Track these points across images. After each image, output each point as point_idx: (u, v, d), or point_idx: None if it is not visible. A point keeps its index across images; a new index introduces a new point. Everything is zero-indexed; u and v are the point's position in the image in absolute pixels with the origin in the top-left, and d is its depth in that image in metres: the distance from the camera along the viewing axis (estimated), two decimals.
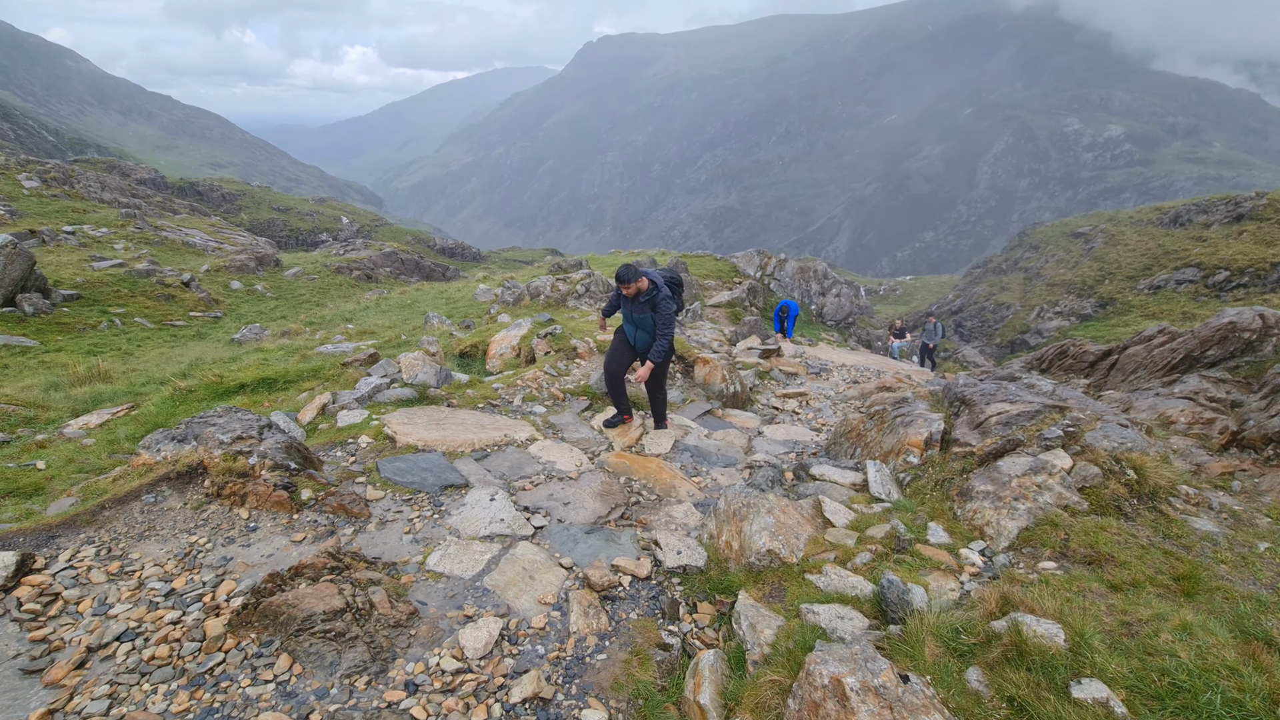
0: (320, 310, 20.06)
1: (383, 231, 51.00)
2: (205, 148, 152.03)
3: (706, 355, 8.76)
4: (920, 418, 5.05)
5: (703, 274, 21.20)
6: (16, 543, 3.50)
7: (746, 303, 18.99)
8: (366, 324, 14.72)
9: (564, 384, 7.17)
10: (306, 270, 27.38)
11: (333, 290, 25.75)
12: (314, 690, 2.79)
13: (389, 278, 30.87)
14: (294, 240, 46.46)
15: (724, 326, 15.16)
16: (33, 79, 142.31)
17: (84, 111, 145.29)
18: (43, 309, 15.17)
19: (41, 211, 25.97)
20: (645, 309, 5.64)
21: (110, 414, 7.20)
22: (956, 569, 3.52)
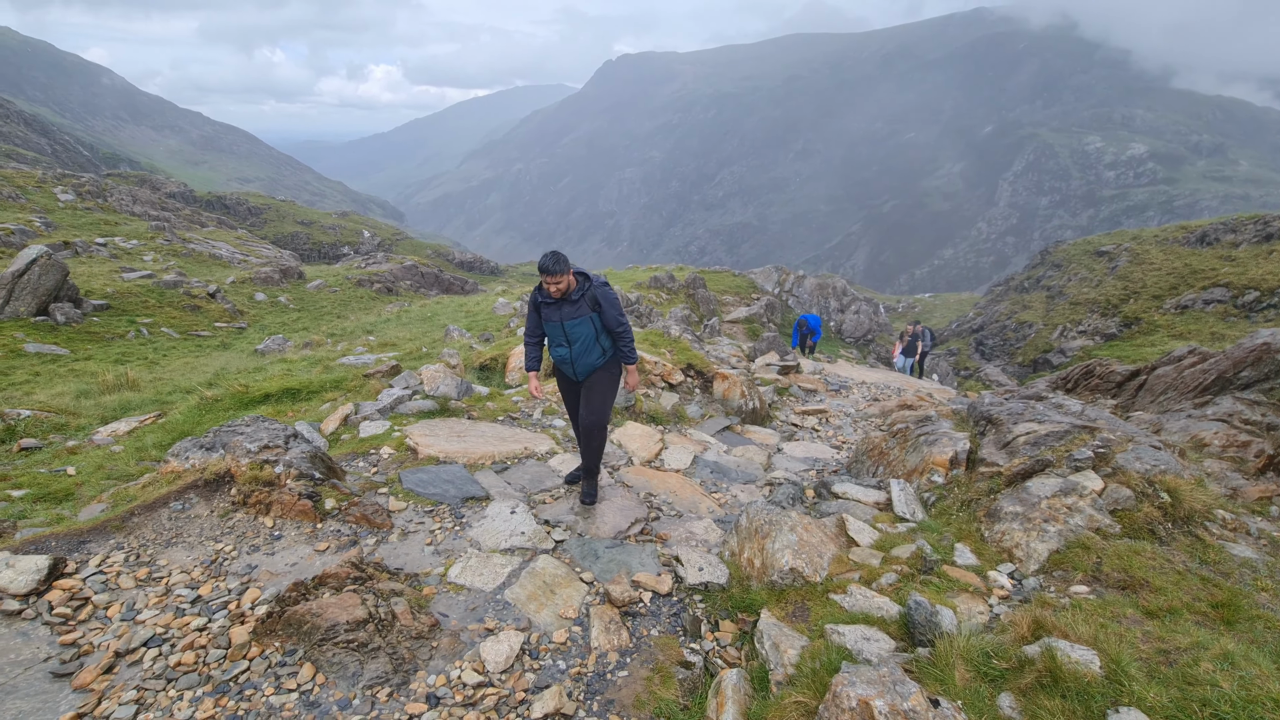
0: (342, 322, 20.34)
1: (403, 245, 51.75)
2: (233, 163, 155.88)
3: (725, 371, 8.73)
4: (945, 436, 4.98)
5: (720, 289, 21.21)
6: (49, 547, 3.57)
7: (764, 318, 18.93)
8: (387, 336, 14.89)
9: None
10: (329, 283, 27.81)
11: (354, 303, 26.11)
12: (336, 701, 2.79)
13: (409, 291, 31.25)
14: (317, 253, 47.27)
15: (742, 342, 15.13)
16: (70, 96, 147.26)
17: (118, 127, 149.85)
18: (74, 318, 15.54)
19: (75, 224, 26.72)
20: (580, 311, 4.31)
21: (138, 422, 7.33)
22: (985, 591, 3.45)
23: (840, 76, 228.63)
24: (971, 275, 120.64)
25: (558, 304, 4.31)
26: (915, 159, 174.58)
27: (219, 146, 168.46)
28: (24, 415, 7.25)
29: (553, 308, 4.34)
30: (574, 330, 4.33)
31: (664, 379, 8.17)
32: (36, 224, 23.59)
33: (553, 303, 4.32)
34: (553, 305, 4.33)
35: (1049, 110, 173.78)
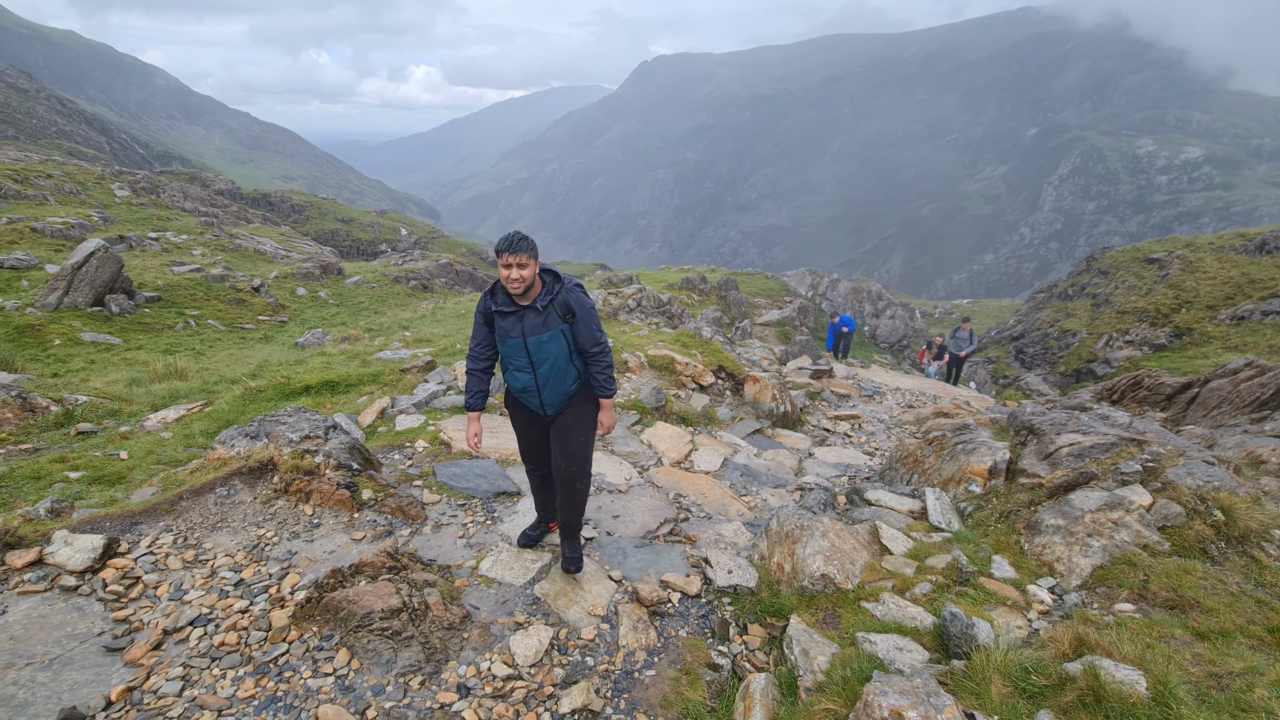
0: (379, 318, 20.78)
1: (439, 243, 52.63)
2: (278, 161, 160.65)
3: (756, 374, 8.67)
4: (983, 445, 4.86)
5: (752, 292, 21.07)
6: (103, 527, 3.73)
7: (797, 322, 18.73)
8: (423, 332, 15.16)
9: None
10: (367, 279, 28.44)
11: (390, 299, 26.65)
12: (371, 687, 2.85)
13: (444, 288, 31.77)
14: (356, 250, 48.39)
15: (773, 345, 14.99)
16: (128, 96, 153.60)
17: (171, 126, 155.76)
18: (127, 309, 16.19)
19: (130, 218, 27.85)
20: (549, 324, 3.27)
21: (186, 410, 7.60)
22: (1024, 605, 3.36)
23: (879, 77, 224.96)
24: (1012, 282, 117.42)
25: (518, 313, 3.25)
26: (955, 162, 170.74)
27: (265, 145, 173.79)
28: (81, 401, 7.58)
29: (511, 318, 3.25)
30: (541, 349, 3.27)
31: (695, 380, 8.15)
32: (95, 218, 24.65)
33: (511, 311, 3.24)
34: (511, 315, 3.25)
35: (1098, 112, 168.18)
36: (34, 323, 13.40)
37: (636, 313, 11.51)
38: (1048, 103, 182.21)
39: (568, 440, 3.53)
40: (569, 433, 3.53)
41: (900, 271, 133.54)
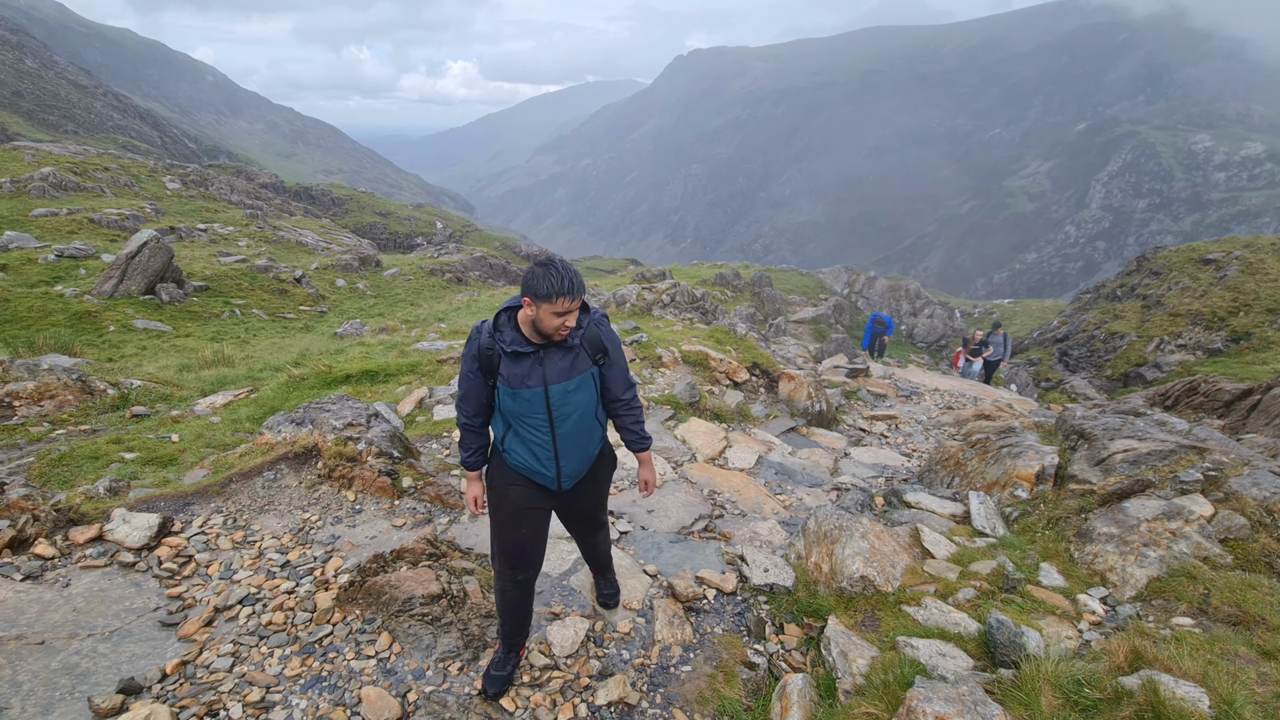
0: (415, 309, 21.13)
1: (473, 237, 53.28)
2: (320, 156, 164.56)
3: (792, 371, 8.57)
4: (1030, 449, 4.71)
5: (786, 289, 20.83)
6: (158, 506, 3.86)
7: (832, 320, 18.46)
8: (458, 324, 15.37)
9: (648, 392, 7.20)
10: (403, 271, 28.96)
11: (426, 291, 27.09)
12: (411, 670, 2.90)
13: (478, 281, 32.16)
14: (393, 243, 49.29)
15: (808, 343, 14.79)
16: (179, 92, 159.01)
17: (219, 121, 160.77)
18: (176, 298, 16.78)
19: (180, 210, 28.84)
20: (579, 365, 2.50)
21: (233, 396, 7.85)
22: (1074, 615, 3.25)
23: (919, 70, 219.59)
24: (1056, 281, 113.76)
25: (536, 354, 2.42)
26: (998, 158, 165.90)
27: (307, 140, 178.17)
28: (135, 385, 7.88)
29: (528, 361, 2.41)
30: (566, 401, 2.47)
31: (729, 377, 8.09)
32: (147, 210, 25.58)
33: (529, 352, 2.40)
34: (528, 357, 2.41)
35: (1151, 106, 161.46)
36: (91, 309, 13.97)
37: (670, 308, 11.47)
38: (1098, 96, 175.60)
39: (592, 528, 2.98)
40: (594, 520, 2.93)
41: (938, 270, 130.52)
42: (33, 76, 66.60)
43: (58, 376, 6.97)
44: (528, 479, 2.63)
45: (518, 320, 2.45)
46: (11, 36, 71.97)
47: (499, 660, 2.87)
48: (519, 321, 2.44)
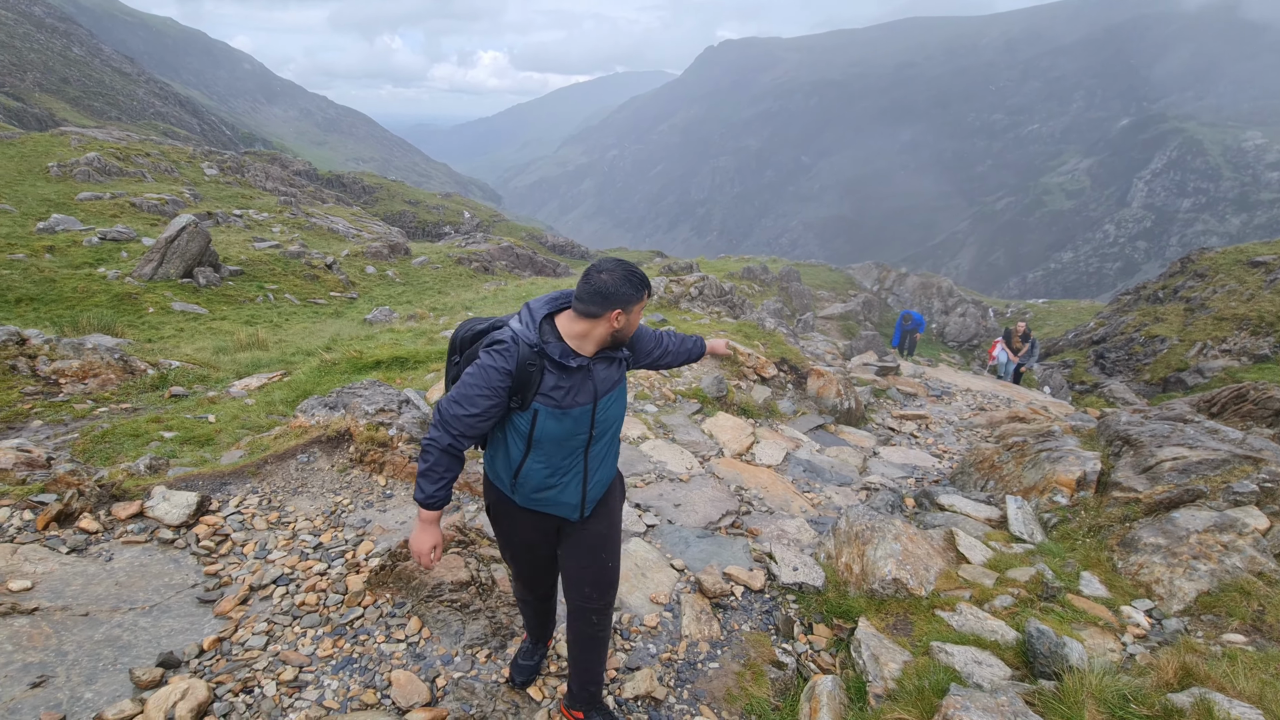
0: (443, 298, 21.32)
1: (500, 227, 53.61)
2: (351, 144, 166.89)
3: (821, 368, 8.45)
4: (1071, 454, 4.57)
5: (815, 284, 20.55)
6: (196, 485, 3.94)
7: (861, 316, 18.17)
8: (485, 313, 15.47)
9: (675, 385, 7.16)
10: (432, 260, 29.25)
11: (453, 280, 27.34)
12: (440, 656, 2.92)
13: (504, 271, 32.36)
14: (421, 231, 49.82)
15: (836, 339, 14.59)
16: (217, 80, 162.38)
17: (255, 109, 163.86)
18: (213, 281, 17.16)
19: (217, 196, 29.47)
20: (619, 372, 2.31)
21: (266, 379, 7.99)
22: (1117, 628, 3.14)
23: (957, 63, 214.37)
24: (1093, 282, 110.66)
25: (586, 366, 2.17)
26: (1037, 153, 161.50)
27: (340, 128, 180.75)
28: (174, 366, 8.08)
29: (578, 375, 2.16)
30: (607, 415, 2.27)
31: (757, 371, 8.01)
32: (186, 195, 26.19)
33: (580, 366, 2.14)
34: (579, 370, 2.15)
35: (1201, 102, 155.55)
36: (131, 291, 14.36)
37: (698, 301, 11.39)
38: (1144, 91, 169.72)
39: (602, 558, 2.42)
40: (605, 547, 2.43)
41: (970, 267, 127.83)
42: (79, 64, 68.52)
43: (101, 356, 7.17)
44: (538, 513, 2.33)
45: (559, 332, 2.17)
46: (60, 25, 74.06)
47: (526, 650, 2.84)
48: (563, 334, 2.16)
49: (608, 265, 2.12)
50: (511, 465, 2.26)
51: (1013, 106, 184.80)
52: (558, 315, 2.21)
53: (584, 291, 2.13)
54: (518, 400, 2.13)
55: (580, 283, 2.16)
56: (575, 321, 2.16)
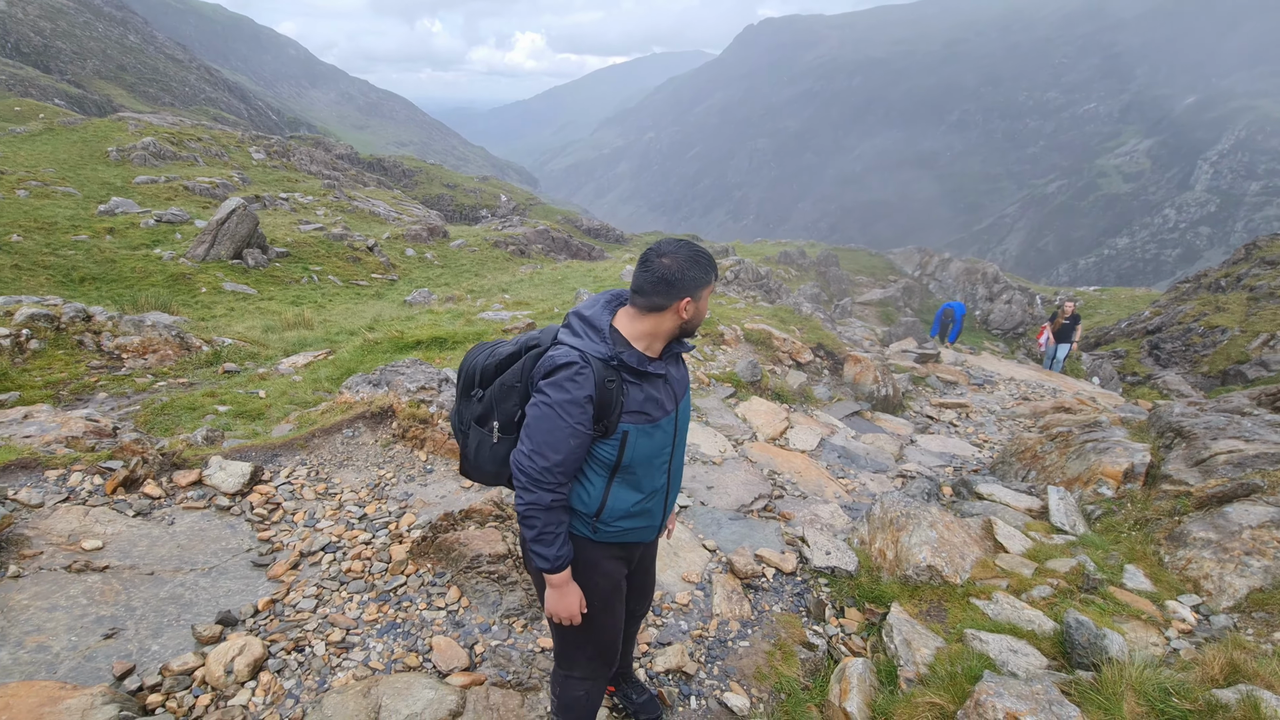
0: (480, 280, 21.62)
1: (536, 210, 53.87)
2: (392, 128, 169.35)
3: (858, 354, 8.33)
4: (1118, 445, 4.43)
5: (854, 269, 20.17)
6: (250, 456, 4.13)
7: (900, 302, 17.78)
8: (521, 296, 15.64)
9: (709, 369, 7.16)
10: (469, 243, 29.63)
11: (490, 263, 27.67)
12: (478, 624, 3.02)
13: (540, 254, 32.58)
14: (459, 214, 50.40)
15: (875, 325, 14.32)
16: (264, 65, 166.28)
17: (300, 93, 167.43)
18: (260, 263, 17.74)
19: (264, 180, 30.33)
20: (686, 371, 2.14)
21: (312, 357, 8.27)
22: (1161, 622, 3.06)
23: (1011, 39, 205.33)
24: (1150, 269, 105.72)
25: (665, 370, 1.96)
26: (1093, 134, 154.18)
27: (381, 112, 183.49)
28: (226, 343, 8.42)
29: (660, 383, 1.95)
30: (686, 414, 2.11)
31: (792, 357, 7.94)
32: (235, 179, 27.03)
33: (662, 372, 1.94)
34: (660, 376, 1.95)
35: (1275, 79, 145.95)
36: (185, 271, 14.95)
37: (734, 285, 11.31)
38: (1211, 67, 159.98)
39: (653, 571, 2.43)
40: (655, 557, 2.43)
41: (1018, 253, 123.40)
42: (135, 51, 70.90)
43: (159, 333, 7.51)
44: (621, 544, 2.07)
45: (624, 336, 1.89)
46: (117, 13, 76.66)
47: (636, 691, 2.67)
48: (630, 338, 1.89)
49: (669, 248, 1.87)
50: (592, 503, 1.95)
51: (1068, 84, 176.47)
52: (614, 318, 1.93)
53: (646, 282, 1.84)
54: (601, 427, 1.86)
55: (639, 272, 1.88)
56: (639, 319, 1.89)
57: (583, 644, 2.10)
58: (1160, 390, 14.73)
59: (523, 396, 1.93)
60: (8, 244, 14.05)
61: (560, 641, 2.15)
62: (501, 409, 1.96)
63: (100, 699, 2.34)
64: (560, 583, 1.93)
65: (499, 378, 1.99)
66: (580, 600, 1.98)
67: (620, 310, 1.94)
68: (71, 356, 6.86)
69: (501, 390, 1.96)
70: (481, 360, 2.05)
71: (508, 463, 1.97)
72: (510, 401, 1.95)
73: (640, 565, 2.30)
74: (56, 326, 6.96)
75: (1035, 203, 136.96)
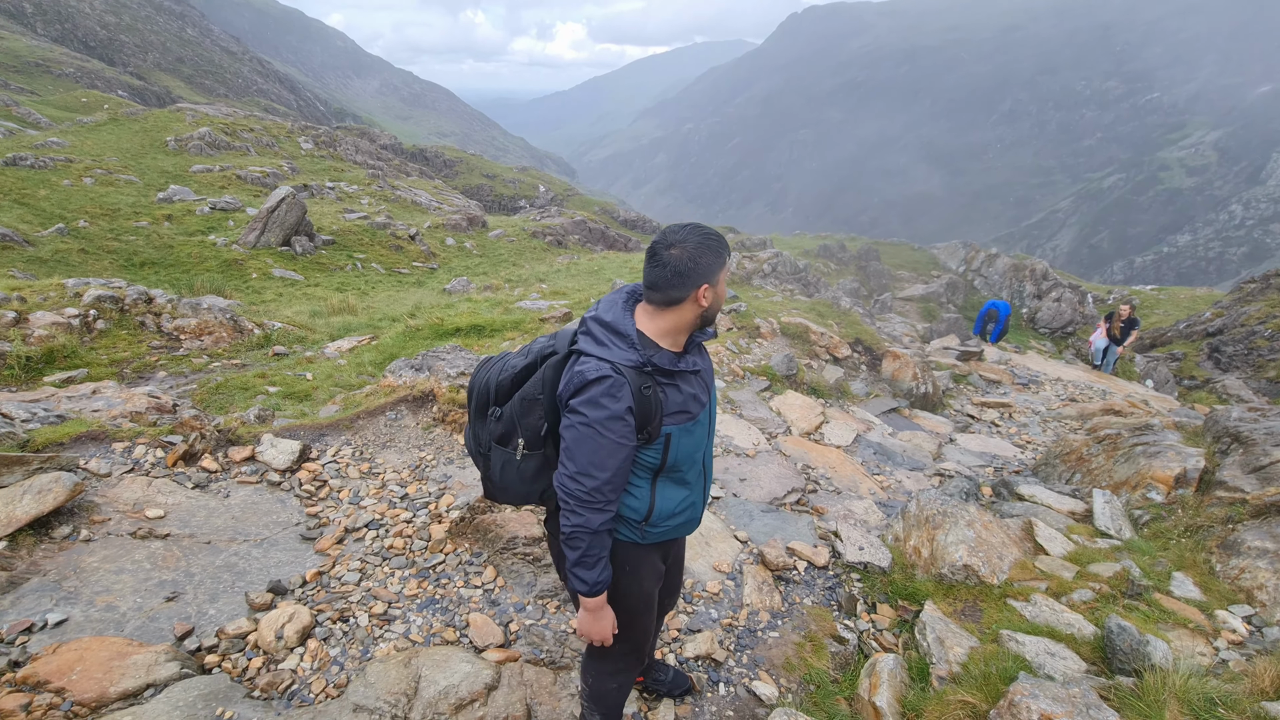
0: (517, 269, 21.87)
1: (573, 201, 54.12)
2: (434, 118, 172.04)
3: (897, 350, 8.19)
4: (1170, 450, 4.28)
5: (895, 264, 19.74)
6: (298, 435, 4.30)
7: (944, 299, 17.34)
8: (558, 285, 15.79)
9: (744, 361, 7.14)
10: (507, 233, 29.99)
11: (527, 253, 27.96)
12: (513, 603, 3.11)
13: (576, 244, 32.76)
14: (498, 205, 50.97)
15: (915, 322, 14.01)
16: (313, 57, 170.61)
17: (346, 84, 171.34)
18: (308, 250, 18.30)
19: (312, 169, 31.19)
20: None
21: (356, 341, 8.53)
22: (1210, 632, 2.96)
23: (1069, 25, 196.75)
24: (1213, 268, 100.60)
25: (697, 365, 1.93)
26: (1155, 125, 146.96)
27: (424, 103, 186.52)
28: (276, 327, 8.74)
29: (694, 378, 1.91)
30: (714, 402, 2.05)
31: (829, 351, 7.85)
32: (284, 168, 27.87)
33: (695, 369, 1.91)
34: (694, 373, 1.91)
35: None
36: (237, 258, 15.52)
37: (771, 278, 11.21)
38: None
39: (683, 566, 2.42)
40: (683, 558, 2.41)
41: (1070, 250, 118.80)
42: (192, 44, 73.52)
43: (214, 316, 7.85)
44: (664, 544, 2.07)
45: (649, 336, 1.81)
46: (176, 7, 79.52)
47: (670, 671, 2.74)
48: (654, 337, 1.81)
49: (676, 236, 1.76)
50: (641, 508, 1.90)
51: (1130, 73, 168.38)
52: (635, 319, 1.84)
53: (658, 277, 1.75)
54: (644, 435, 1.79)
55: (649, 267, 1.77)
56: (658, 316, 1.80)
57: (621, 641, 2.09)
58: (1219, 395, 14.07)
59: (547, 409, 1.84)
60: (76, 229, 14.82)
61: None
62: (525, 424, 1.86)
63: (163, 656, 2.49)
64: (595, 606, 1.89)
65: (517, 392, 1.90)
66: (613, 623, 1.96)
67: (637, 308, 1.85)
68: (134, 336, 7.22)
69: (523, 405, 1.87)
70: (495, 376, 1.94)
71: (539, 479, 1.93)
72: (534, 415, 1.86)
73: (674, 561, 2.29)
74: (121, 308, 7.33)
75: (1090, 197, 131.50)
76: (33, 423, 4.02)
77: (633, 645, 2.14)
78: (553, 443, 1.89)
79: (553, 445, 1.89)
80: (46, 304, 7.03)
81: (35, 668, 2.35)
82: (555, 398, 1.83)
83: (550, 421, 1.86)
